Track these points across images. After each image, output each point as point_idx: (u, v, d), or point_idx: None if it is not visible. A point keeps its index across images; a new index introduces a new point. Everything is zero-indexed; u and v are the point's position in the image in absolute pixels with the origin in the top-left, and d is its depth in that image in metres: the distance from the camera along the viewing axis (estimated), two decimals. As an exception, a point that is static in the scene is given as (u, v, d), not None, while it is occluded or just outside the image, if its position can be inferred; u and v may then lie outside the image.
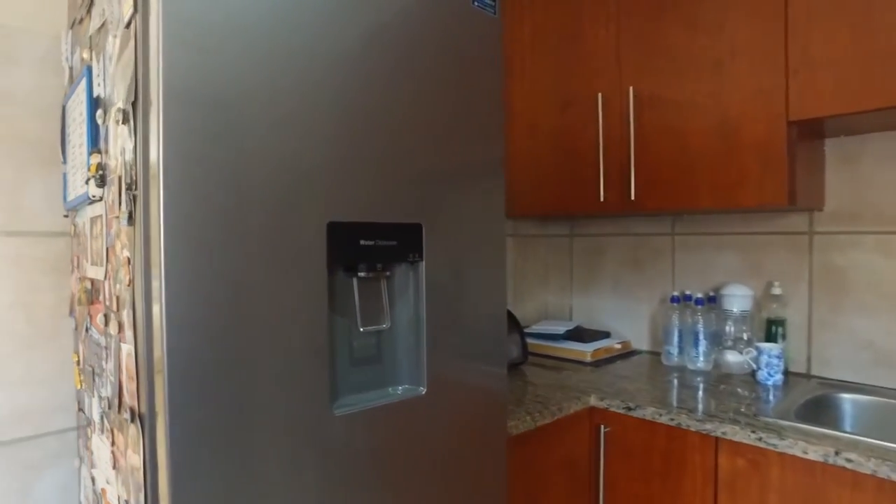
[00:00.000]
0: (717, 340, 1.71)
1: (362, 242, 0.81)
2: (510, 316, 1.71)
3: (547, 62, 1.90)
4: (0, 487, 1.18)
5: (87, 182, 0.87)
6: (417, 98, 0.90)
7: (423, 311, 0.91)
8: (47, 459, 1.23)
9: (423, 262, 0.91)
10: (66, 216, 1.22)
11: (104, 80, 0.85)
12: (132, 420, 0.74)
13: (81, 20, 1.04)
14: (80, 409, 1.17)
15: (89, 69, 0.91)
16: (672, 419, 1.30)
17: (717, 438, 1.25)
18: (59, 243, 1.23)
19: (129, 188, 0.72)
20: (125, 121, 0.73)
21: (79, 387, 1.17)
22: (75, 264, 1.16)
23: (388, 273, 0.89)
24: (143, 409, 0.71)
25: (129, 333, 0.75)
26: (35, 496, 1.22)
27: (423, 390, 0.92)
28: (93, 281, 0.96)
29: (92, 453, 1.05)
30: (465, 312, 0.99)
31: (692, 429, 1.27)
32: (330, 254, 0.78)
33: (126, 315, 0.75)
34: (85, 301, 1.02)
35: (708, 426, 1.24)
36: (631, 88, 1.65)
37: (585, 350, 1.85)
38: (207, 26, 0.68)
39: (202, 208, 0.68)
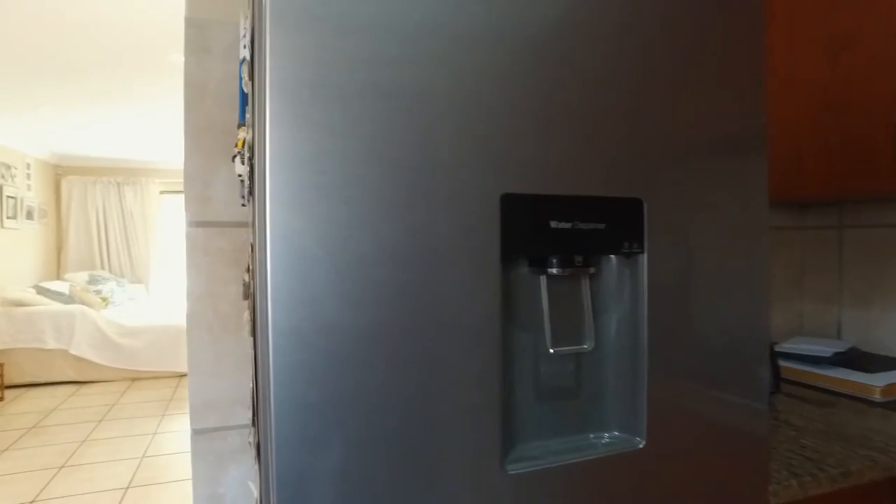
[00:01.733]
0: None
1: (553, 225, 0.56)
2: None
3: (812, -10, 1.43)
4: (196, 472, 1.20)
5: (233, 159, 0.75)
6: (640, 31, 0.61)
7: (644, 326, 0.62)
8: (230, 454, 1.20)
9: (645, 255, 0.62)
10: (243, 205, 1.18)
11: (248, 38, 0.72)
12: (252, 446, 0.59)
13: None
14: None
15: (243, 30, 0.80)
16: None
17: None
18: (242, 234, 1.20)
19: (249, 160, 0.57)
20: (251, 75, 0.58)
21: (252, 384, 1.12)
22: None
23: (591, 270, 0.62)
24: (260, 438, 0.55)
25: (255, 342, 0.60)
26: (223, 486, 1.21)
27: (640, 442, 0.63)
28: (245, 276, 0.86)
29: (257, 461, 0.96)
30: (708, 329, 0.67)
31: None
32: (504, 240, 0.54)
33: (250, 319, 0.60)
34: (243, 297, 0.94)
35: None
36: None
37: (872, 383, 1.34)
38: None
39: (312, 183, 0.48)
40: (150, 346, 5.94)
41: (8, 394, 5.36)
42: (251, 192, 0.64)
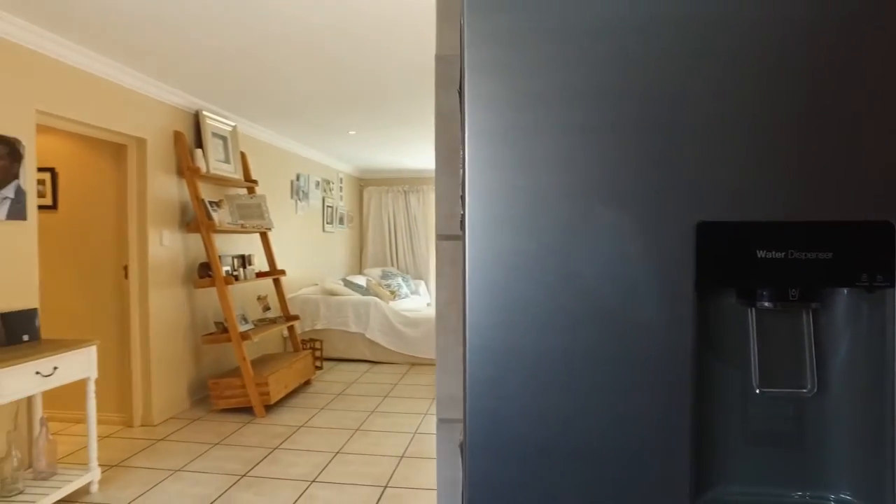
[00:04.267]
0: None
1: (761, 254, 0.50)
2: None
3: None
4: (440, 456, 1.36)
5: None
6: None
7: (893, 372, 0.51)
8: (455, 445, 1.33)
9: (896, 291, 0.51)
10: (462, 230, 1.29)
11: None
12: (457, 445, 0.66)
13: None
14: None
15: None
16: None
17: None
18: (481, 246, 1.32)
19: (461, 196, 0.64)
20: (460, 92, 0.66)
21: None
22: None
23: (814, 304, 0.54)
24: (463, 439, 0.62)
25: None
26: (461, 472, 1.34)
27: (892, 515, 0.52)
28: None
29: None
30: None
31: None
32: (701, 270, 0.51)
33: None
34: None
35: None
36: None
37: None
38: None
39: (503, 216, 0.53)
40: (426, 336, 6.76)
41: (325, 365, 6.70)
42: (462, 221, 0.72)
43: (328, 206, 8.33)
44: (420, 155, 8.10)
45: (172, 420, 4.64)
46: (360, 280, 8.03)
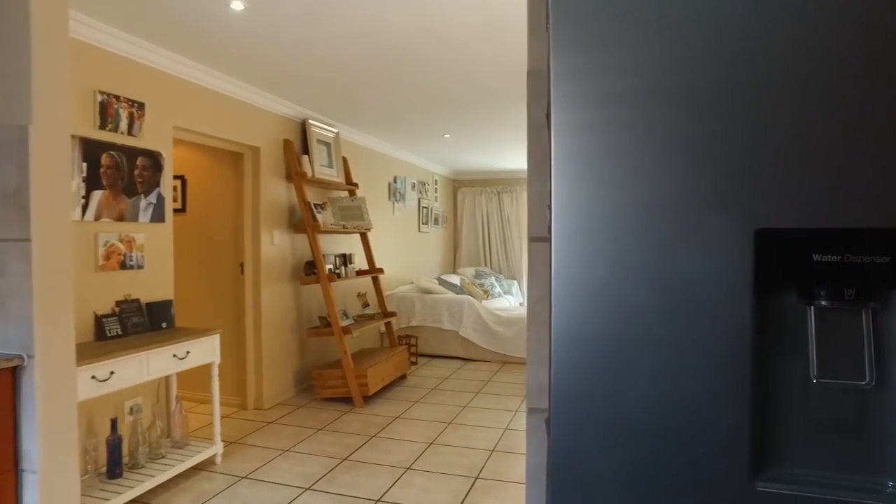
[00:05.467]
0: None
1: (817, 258, 0.57)
2: None
3: None
4: (528, 444, 1.46)
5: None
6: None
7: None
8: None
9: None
10: (549, 232, 1.38)
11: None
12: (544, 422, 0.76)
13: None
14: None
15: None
16: None
17: None
18: (570, 247, 1.40)
19: (548, 206, 0.75)
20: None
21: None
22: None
23: (872, 304, 0.59)
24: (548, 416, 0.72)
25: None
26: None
27: (951, 502, 0.56)
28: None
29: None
30: None
31: None
32: (760, 273, 0.58)
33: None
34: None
35: None
36: None
37: None
38: None
39: (581, 226, 0.63)
40: (518, 335, 6.82)
41: (420, 360, 6.96)
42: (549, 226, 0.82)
43: (423, 207, 8.61)
44: (513, 156, 8.18)
45: (280, 406, 5.05)
46: (455, 279, 8.24)
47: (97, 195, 3.35)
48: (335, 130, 5.89)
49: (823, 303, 0.58)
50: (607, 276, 0.63)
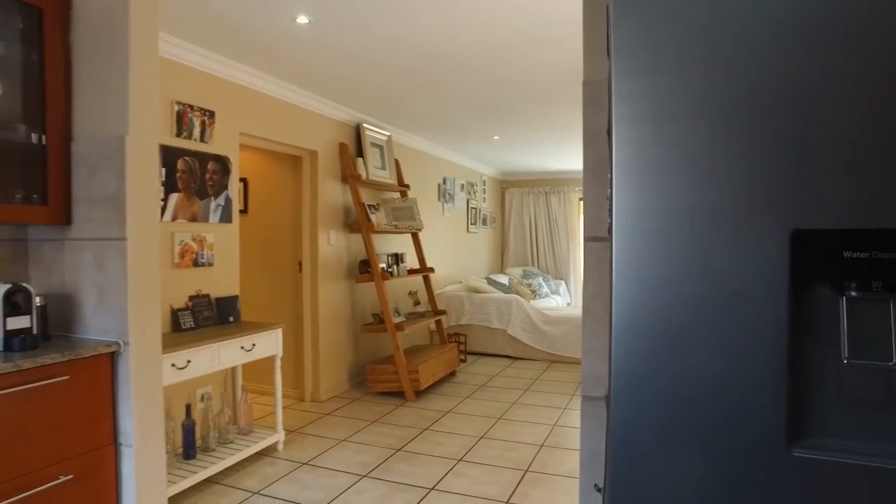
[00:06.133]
0: None
1: (847, 254, 0.65)
2: None
3: None
4: (583, 431, 1.55)
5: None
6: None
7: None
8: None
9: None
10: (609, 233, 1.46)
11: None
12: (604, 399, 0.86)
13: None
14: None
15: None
16: None
17: None
18: (623, 247, 1.49)
19: (609, 209, 0.85)
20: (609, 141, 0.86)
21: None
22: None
23: (900, 296, 0.67)
24: (608, 394, 0.82)
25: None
26: (602, 444, 1.52)
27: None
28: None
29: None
30: None
31: None
32: (795, 268, 0.67)
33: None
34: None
35: None
36: None
37: None
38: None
39: (638, 227, 0.73)
40: (566, 334, 6.86)
41: (469, 358, 7.09)
42: (609, 228, 0.91)
43: (472, 208, 8.74)
44: (560, 157, 8.19)
45: (335, 398, 5.27)
46: (503, 279, 8.32)
47: (173, 198, 3.61)
48: (387, 133, 6.08)
49: (853, 294, 0.66)
50: (662, 271, 0.73)
